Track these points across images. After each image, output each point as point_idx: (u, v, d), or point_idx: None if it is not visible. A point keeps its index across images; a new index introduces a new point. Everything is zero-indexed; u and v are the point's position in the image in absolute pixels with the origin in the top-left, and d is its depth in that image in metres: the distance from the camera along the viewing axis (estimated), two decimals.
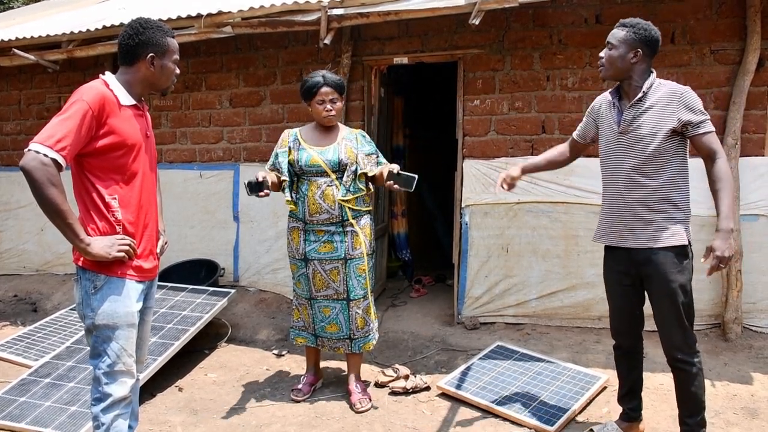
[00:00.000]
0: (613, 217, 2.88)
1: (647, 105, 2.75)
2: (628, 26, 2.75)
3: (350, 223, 3.50)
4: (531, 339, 4.29)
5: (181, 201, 5.57)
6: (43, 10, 7.71)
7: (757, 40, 3.93)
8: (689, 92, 2.72)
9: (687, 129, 2.69)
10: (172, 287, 4.73)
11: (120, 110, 2.30)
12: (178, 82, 5.49)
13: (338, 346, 3.64)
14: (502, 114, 4.56)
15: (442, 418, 3.42)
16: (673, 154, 2.73)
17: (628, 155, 2.80)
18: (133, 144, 2.34)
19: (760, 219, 4.04)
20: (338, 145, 3.50)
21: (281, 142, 3.58)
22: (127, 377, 2.38)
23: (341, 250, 3.50)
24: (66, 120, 2.16)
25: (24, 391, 3.65)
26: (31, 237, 6.25)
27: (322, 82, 3.46)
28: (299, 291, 3.65)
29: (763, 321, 4.08)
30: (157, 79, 2.43)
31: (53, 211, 2.15)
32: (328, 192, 3.44)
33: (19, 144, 6.38)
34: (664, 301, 2.75)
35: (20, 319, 5.33)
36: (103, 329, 2.30)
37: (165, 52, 2.40)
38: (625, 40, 2.73)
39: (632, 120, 2.78)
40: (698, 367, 2.76)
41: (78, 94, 2.22)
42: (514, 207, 4.50)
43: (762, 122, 4.06)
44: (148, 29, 2.36)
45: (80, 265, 2.32)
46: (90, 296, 2.30)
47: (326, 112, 3.48)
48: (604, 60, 2.81)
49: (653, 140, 2.71)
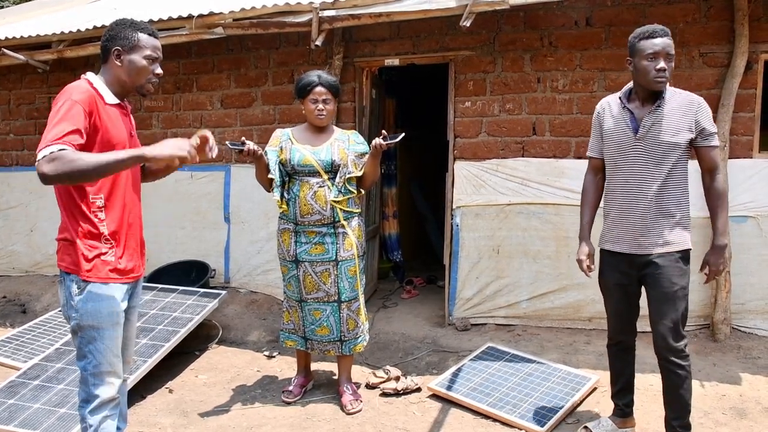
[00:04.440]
0: (626, 224, 2.84)
1: (667, 110, 2.75)
2: (668, 33, 2.74)
3: (341, 225, 3.49)
4: (522, 340, 4.31)
5: (172, 202, 5.55)
6: (33, 10, 7.66)
7: (745, 44, 3.96)
8: (705, 103, 2.78)
9: (698, 139, 2.74)
10: (163, 289, 4.71)
11: (105, 109, 2.28)
12: (169, 82, 5.54)
13: (328, 348, 3.63)
14: (493, 115, 4.57)
15: (432, 419, 3.42)
16: (683, 161, 2.79)
17: (646, 161, 2.78)
18: (118, 143, 2.31)
19: (748, 220, 4.07)
20: (331, 146, 3.50)
21: (272, 140, 3.58)
22: (113, 378, 2.36)
23: (332, 252, 3.49)
24: (61, 121, 2.11)
25: (12, 393, 3.62)
26: (20, 238, 6.21)
27: (316, 81, 3.45)
28: (289, 293, 3.63)
29: (751, 322, 4.11)
30: (126, 75, 2.34)
31: (101, 172, 2.09)
32: (320, 193, 3.43)
33: (8, 144, 6.35)
34: (664, 304, 2.76)
35: (9, 320, 5.30)
36: (87, 330, 2.29)
37: (133, 47, 2.33)
38: (673, 48, 2.75)
39: (652, 126, 2.76)
40: (687, 371, 2.78)
41: (66, 95, 2.19)
42: (505, 208, 4.51)
43: (750, 124, 4.09)
44: (119, 25, 2.34)
45: (63, 267, 2.31)
46: (74, 297, 2.28)
47: (318, 111, 3.46)
48: (667, 72, 2.70)
49: (674, 147, 2.74)
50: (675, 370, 2.77)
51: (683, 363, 2.77)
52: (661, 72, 2.68)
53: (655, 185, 2.76)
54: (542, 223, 4.44)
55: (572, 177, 4.33)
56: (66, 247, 2.33)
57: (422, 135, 7.24)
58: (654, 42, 2.69)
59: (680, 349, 2.77)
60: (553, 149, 4.44)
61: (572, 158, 4.39)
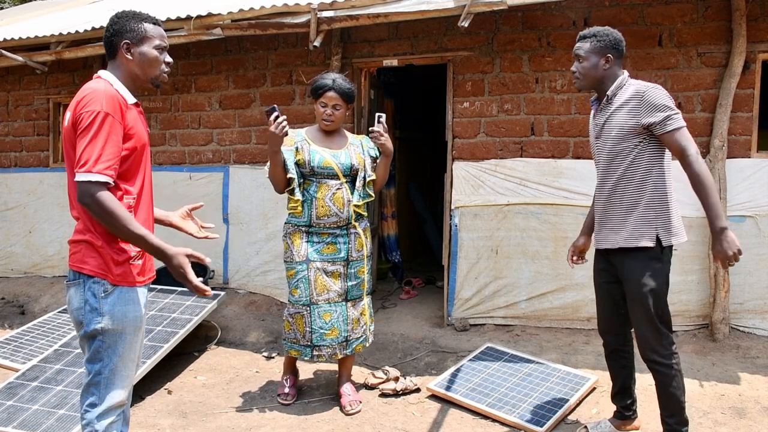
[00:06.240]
0: (598, 220, 2.94)
1: (614, 108, 2.78)
2: (591, 36, 2.79)
3: (354, 226, 3.52)
4: (521, 340, 4.31)
5: (171, 203, 5.48)
6: (32, 10, 7.67)
7: (743, 43, 3.97)
8: (651, 90, 2.68)
9: (653, 127, 2.66)
10: (162, 290, 4.71)
11: (128, 113, 2.23)
12: (168, 83, 5.53)
13: (336, 352, 3.53)
14: (492, 116, 4.58)
15: (431, 419, 3.42)
16: (642, 155, 2.73)
17: (601, 159, 2.86)
18: (144, 144, 2.29)
19: (747, 220, 4.07)
20: (348, 150, 3.51)
21: (287, 140, 3.44)
22: (127, 382, 2.34)
23: (344, 252, 3.51)
24: (107, 143, 2.10)
25: (11, 394, 3.62)
26: (19, 239, 6.20)
27: (329, 86, 3.43)
28: (296, 298, 3.52)
29: (750, 321, 4.11)
30: (139, 68, 2.30)
31: (122, 235, 2.18)
32: (339, 195, 3.44)
33: (6, 146, 6.35)
34: (634, 304, 2.79)
35: (7, 322, 5.29)
36: (110, 334, 2.24)
37: (141, 39, 2.28)
38: (593, 50, 2.78)
39: (603, 124, 2.83)
40: (675, 369, 2.76)
41: (95, 104, 2.12)
42: (504, 209, 4.51)
43: (748, 124, 4.10)
44: (122, 18, 2.29)
45: (86, 271, 2.23)
46: (100, 300, 2.23)
47: (326, 116, 3.46)
48: (577, 73, 2.84)
49: (617, 142, 2.75)
50: (659, 370, 2.77)
51: (667, 362, 2.75)
52: (573, 73, 2.87)
53: (614, 182, 2.79)
54: (541, 223, 4.44)
55: (571, 177, 4.34)
56: (89, 249, 2.23)
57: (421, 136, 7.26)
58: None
59: (662, 348, 2.76)
60: (551, 149, 4.44)
61: (570, 158, 4.40)
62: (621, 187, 2.78)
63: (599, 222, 2.93)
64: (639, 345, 2.83)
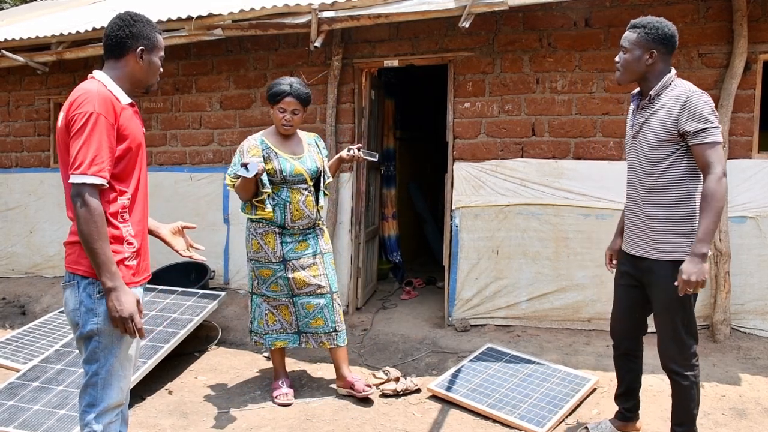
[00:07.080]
0: (628, 224, 2.83)
1: (656, 108, 2.63)
2: (639, 27, 2.62)
3: (319, 224, 3.69)
4: (521, 341, 4.31)
5: (171, 203, 5.55)
6: (33, 11, 7.67)
7: (744, 44, 3.96)
8: (695, 96, 2.55)
9: (687, 136, 2.54)
10: (162, 290, 4.71)
11: (122, 113, 2.24)
12: (168, 84, 5.55)
13: (323, 340, 3.68)
14: (492, 116, 4.58)
15: (432, 420, 3.42)
16: (680, 162, 2.60)
17: (637, 160, 2.72)
18: (139, 144, 2.30)
19: (747, 221, 4.07)
20: (309, 153, 3.63)
21: (251, 150, 3.48)
22: (124, 383, 2.34)
23: (316, 246, 3.66)
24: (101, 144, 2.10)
25: (12, 394, 3.62)
26: (19, 239, 6.21)
27: (287, 91, 3.47)
28: (276, 294, 3.65)
29: (751, 322, 4.11)
30: (144, 75, 2.35)
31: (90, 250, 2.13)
32: (309, 199, 3.57)
33: (7, 146, 6.35)
34: (661, 313, 2.73)
35: (8, 322, 5.30)
36: (107, 334, 2.23)
37: (154, 48, 2.34)
38: (639, 42, 2.60)
39: (642, 124, 2.69)
40: (692, 381, 2.69)
41: (87, 105, 2.13)
42: (505, 209, 4.51)
43: (749, 125, 4.10)
44: (139, 22, 2.31)
45: (80, 272, 2.23)
46: (95, 301, 2.23)
47: (285, 121, 3.52)
48: (619, 64, 2.68)
49: (654, 146, 2.62)
50: (676, 379, 2.72)
51: (686, 372, 2.69)
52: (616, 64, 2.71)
53: (648, 186, 2.68)
54: (541, 223, 4.44)
55: (571, 178, 4.34)
56: (83, 251, 2.23)
57: (421, 136, 7.26)
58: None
59: (683, 359, 2.69)
60: (552, 150, 4.44)
61: (571, 159, 4.39)
62: (654, 193, 2.66)
63: (628, 226, 2.82)
64: (660, 353, 2.75)
